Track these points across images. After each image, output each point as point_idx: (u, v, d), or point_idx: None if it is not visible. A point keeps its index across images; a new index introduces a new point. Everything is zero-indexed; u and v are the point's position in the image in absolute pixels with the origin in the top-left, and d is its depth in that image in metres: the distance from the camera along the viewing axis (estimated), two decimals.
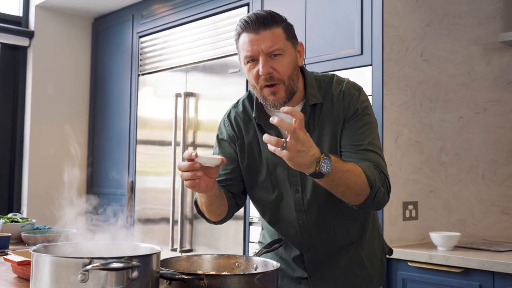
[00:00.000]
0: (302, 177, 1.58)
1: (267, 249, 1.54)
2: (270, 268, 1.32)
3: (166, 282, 1.21)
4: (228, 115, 1.70)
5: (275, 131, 1.56)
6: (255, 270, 1.38)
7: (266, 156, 1.61)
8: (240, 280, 1.19)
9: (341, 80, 1.61)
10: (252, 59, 1.48)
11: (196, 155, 1.34)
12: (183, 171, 1.37)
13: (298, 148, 1.22)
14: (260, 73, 1.47)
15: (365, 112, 1.55)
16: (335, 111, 1.55)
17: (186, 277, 1.18)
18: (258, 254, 1.50)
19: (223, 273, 1.37)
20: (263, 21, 1.46)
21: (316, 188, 1.56)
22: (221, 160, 1.37)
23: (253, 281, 1.20)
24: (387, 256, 1.80)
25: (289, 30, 1.52)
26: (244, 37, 1.48)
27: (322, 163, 1.26)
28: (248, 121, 1.65)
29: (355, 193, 1.39)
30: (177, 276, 1.19)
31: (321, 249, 1.65)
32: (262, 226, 1.84)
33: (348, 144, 1.52)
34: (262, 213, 1.70)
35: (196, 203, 1.62)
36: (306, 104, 1.55)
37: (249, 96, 1.67)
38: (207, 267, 1.43)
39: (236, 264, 1.42)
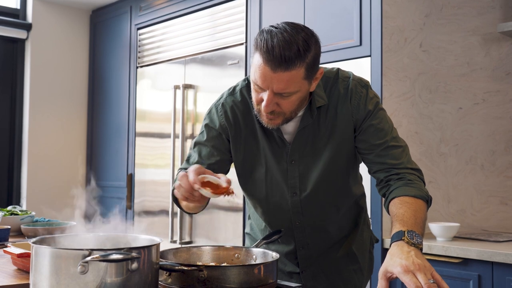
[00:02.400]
0: (301, 180, 1.54)
1: (266, 240, 1.54)
2: (270, 259, 1.32)
3: (166, 273, 1.22)
4: (223, 103, 1.56)
5: (277, 131, 1.50)
6: (255, 261, 1.39)
7: (264, 154, 1.54)
8: (240, 271, 1.19)
9: (346, 76, 1.52)
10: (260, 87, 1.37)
11: (199, 188, 1.23)
12: (181, 192, 1.28)
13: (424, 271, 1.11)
14: (262, 108, 1.37)
15: (378, 108, 1.50)
16: (342, 111, 1.49)
17: (185, 268, 1.18)
18: (257, 245, 1.50)
19: (223, 265, 1.37)
20: (285, 59, 1.29)
21: (315, 191, 1.54)
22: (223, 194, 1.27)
23: (252, 272, 1.20)
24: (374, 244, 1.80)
25: (312, 65, 1.35)
26: (260, 63, 1.32)
27: (417, 243, 1.20)
28: (247, 113, 1.54)
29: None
30: (176, 268, 1.19)
31: (315, 245, 1.64)
32: (249, 216, 1.79)
33: (372, 145, 1.48)
34: (255, 207, 1.67)
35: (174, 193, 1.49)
36: (312, 107, 1.48)
37: (249, 86, 1.54)
38: (206, 259, 1.43)
39: (236, 255, 1.43)
